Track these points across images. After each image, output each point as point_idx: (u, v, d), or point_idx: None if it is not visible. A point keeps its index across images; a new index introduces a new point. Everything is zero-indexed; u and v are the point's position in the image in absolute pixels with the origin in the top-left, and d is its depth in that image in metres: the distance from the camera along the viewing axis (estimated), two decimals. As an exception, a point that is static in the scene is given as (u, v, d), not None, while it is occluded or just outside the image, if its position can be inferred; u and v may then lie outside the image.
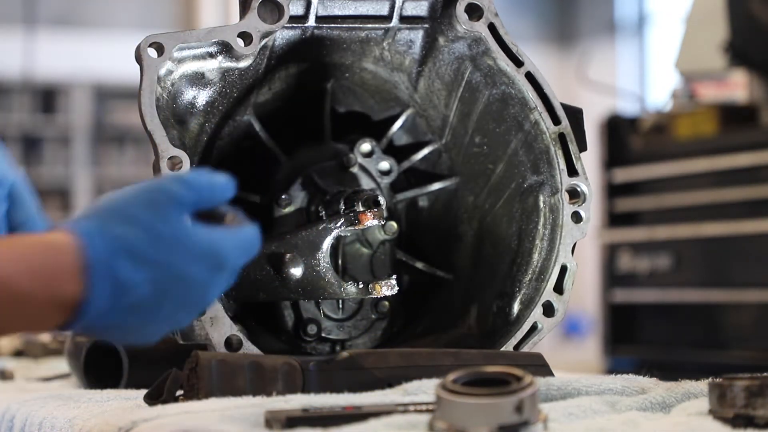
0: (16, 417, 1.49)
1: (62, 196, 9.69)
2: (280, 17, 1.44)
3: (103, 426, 1.21)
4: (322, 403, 1.15)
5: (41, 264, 0.99)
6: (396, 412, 1.10)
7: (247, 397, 1.21)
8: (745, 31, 4.28)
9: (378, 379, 1.28)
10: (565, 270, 1.47)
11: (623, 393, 1.27)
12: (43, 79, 8.88)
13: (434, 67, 1.58)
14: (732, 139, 4.21)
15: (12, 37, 8.54)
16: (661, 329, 4.47)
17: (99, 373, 1.69)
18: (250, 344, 1.35)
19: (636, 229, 4.56)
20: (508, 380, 1.02)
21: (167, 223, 1.03)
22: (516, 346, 1.46)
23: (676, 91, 4.64)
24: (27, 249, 1.00)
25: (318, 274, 1.43)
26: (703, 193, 4.27)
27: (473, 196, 1.61)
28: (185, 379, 1.27)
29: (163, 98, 1.40)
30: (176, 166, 1.36)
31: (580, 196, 1.49)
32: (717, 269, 4.27)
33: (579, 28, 10.93)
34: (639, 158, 4.56)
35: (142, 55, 1.38)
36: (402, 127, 1.64)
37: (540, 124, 1.49)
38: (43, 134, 9.59)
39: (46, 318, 1.00)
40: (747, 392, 1.07)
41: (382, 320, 1.60)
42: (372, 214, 1.45)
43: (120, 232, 1.01)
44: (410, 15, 1.54)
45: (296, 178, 1.56)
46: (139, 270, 1.01)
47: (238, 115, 1.56)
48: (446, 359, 1.33)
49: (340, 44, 1.56)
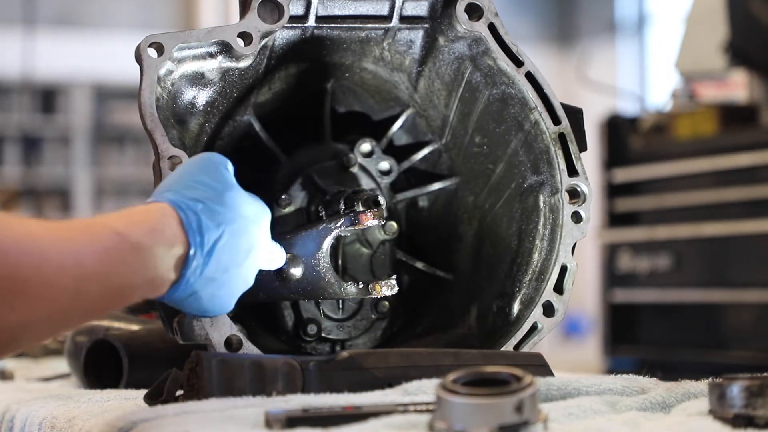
0: (16, 417, 1.49)
1: (62, 196, 9.68)
2: (280, 17, 1.44)
3: (103, 426, 1.21)
4: (322, 403, 1.15)
5: (156, 224, 1.19)
6: (396, 412, 1.10)
7: (247, 397, 1.21)
8: (745, 31, 4.28)
9: (378, 379, 1.28)
10: (565, 270, 1.47)
11: (623, 393, 1.27)
12: (43, 79, 8.87)
13: (434, 67, 1.58)
14: (732, 139, 4.21)
15: (11, 37, 8.54)
16: (661, 329, 4.47)
17: (99, 373, 1.69)
18: (250, 344, 1.35)
19: (636, 229, 4.56)
20: (508, 380, 1.02)
21: (223, 182, 1.27)
22: (516, 346, 1.46)
23: (676, 91, 4.64)
24: (142, 215, 1.19)
25: (318, 274, 1.43)
26: (703, 193, 4.27)
27: (473, 196, 1.61)
28: (185, 379, 1.27)
29: (163, 98, 1.40)
30: (176, 166, 1.35)
31: (580, 196, 1.49)
32: (717, 269, 4.27)
33: (579, 28, 10.92)
34: (639, 158, 4.57)
35: (142, 55, 1.38)
36: (402, 127, 1.64)
37: (540, 124, 1.49)
38: (43, 134, 9.58)
39: (164, 275, 1.19)
40: (747, 392, 1.07)
41: (382, 320, 1.60)
42: (372, 214, 1.45)
43: (191, 194, 1.23)
44: (410, 15, 1.54)
45: (296, 178, 1.56)
46: (214, 219, 1.22)
47: (238, 115, 1.56)
48: (446, 359, 1.33)
49: (340, 44, 1.56)
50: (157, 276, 1.18)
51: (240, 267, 1.26)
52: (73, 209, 9.60)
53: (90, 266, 1.11)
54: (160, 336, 1.61)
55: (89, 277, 1.11)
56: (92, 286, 1.11)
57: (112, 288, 1.14)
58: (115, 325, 1.68)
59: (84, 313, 1.15)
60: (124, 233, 1.15)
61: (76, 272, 1.09)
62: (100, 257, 1.12)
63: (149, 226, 1.18)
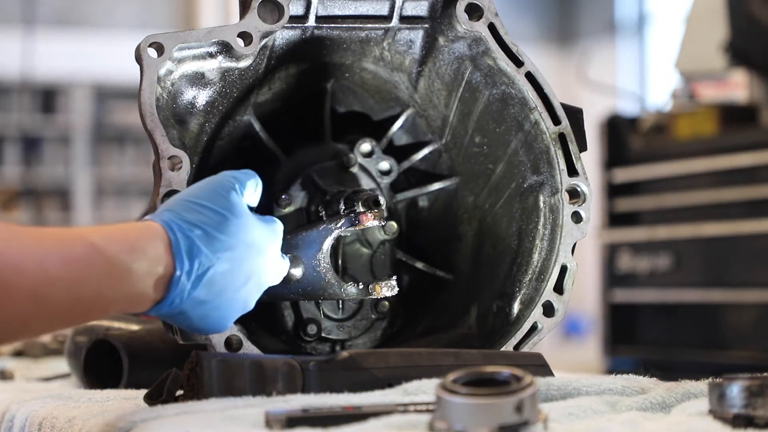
0: (16, 417, 1.49)
1: (62, 196, 9.68)
2: (280, 17, 1.44)
3: (103, 426, 1.21)
4: (322, 403, 1.15)
5: (139, 242, 1.16)
6: (396, 412, 1.10)
7: (247, 397, 1.21)
8: (745, 31, 4.28)
9: (378, 379, 1.28)
10: (565, 270, 1.47)
11: (623, 393, 1.27)
12: (43, 79, 8.86)
13: (434, 67, 1.58)
14: (732, 139, 4.21)
15: (11, 37, 8.54)
16: (661, 329, 4.47)
17: (99, 373, 1.69)
18: (250, 344, 1.35)
19: (636, 229, 4.56)
20: (508, 380, 1.02)
21: (229, 208, 1.24)
22: (516, 346, 1.46)
23: (676, 91, 4.64)
24: (125, 232, 1.17)
25: (318, 274, 1.43)
26: (703, 193, 4.27)
27: (473, 196, 1.61)
28: (185, 379, 1.27)
29: (163, 98, 1.40)
30: (176, 166, 1.36)
31: (580, 196, 1.49)
32: (717, 269, 4.27)
33: (579, 28, 10.92)
34: (639, 158, 4.56)
35: (142, 55, 1.38)
36: (402, 127, 1.64)
37: (540, 124, 1.49)
38: (43, 134, 9.57)
39: (144, 293, 1.17)
40: (747, 392, 1.07)
41: (382, 320, 1.60)
42: (372, 214, 1.45)
43: (192, 218, 1.21)
44: (410, 15, 1.54)
45: (296, 178, 1.56)
46: (211, 246, 1.21)
47: (238, 115, 1.56)
48: (446, 359, 1.33)
49: (340, 44, 1.56)
50: (136, 293, 1.17)
51: (238, 291, 1.25)
52: (73, 209, 9.59)
53: (54, 272, 1.09)
54: (160, 336, 1.61)
55: (53, 282, 1.09)
56: (56, 292, 1.10)
57: (82, 297, 1.13)
58: (115, 325, 1.68)
59: (48, 319, 1.13)
60: (99, 246, 1.14)
61: (37, 276, 1.08)
62: (66, 264, 1.10)
63: (129, 243, 1.16)
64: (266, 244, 1.29)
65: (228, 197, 1.26)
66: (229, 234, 1.23)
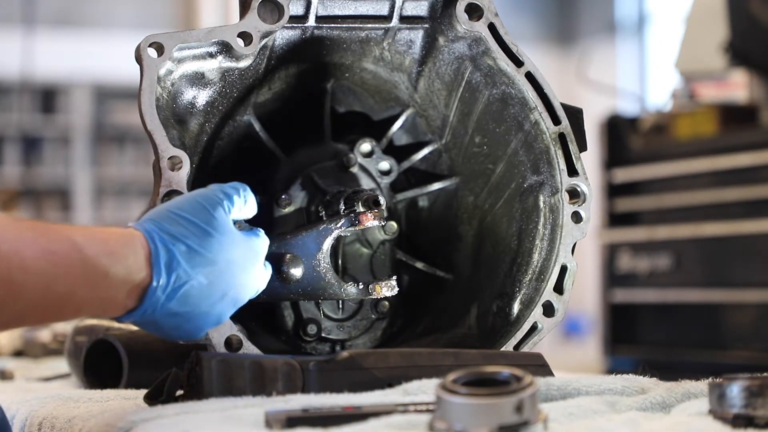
0: (16, 417, 1.49)
1: (62, 196, 9.68)
2: (280, 17, 1.44)
3: (103, 426, 1.21)
4: (322, 403, 1.15)
5: (119, 248, 1.16)
6: (396, 412, 1.10)
7: (247, 397, 1.21)
8: (745, 31, 4.28)
9: (378, 379, 1.28)
10: (565, 270, 1.47)
11: (623, 393, 1.27)
12: (43, 79, 8.86)
13: (434, 67, 1.58)
14: (732, 139, 4.21)
15: (11, 37, 8.53)
16: (661, 329, 4.47)
17: (99, 373, 1.69)
18: (250, 344, 1.35)
19: (636, 229, 4.56)
20: (508, 380, 1.02)
21: (213, 224, 1.23)
22: (516, 346, 1.46)
23: (676, 91, 4.63)
24: (107, 235, 1.17)
25: (318, 274, 1.43)
26: (703, 193, 4.27)
27: (473, 196, 1.61)
28: (185, 379, 1.27)
29: (163, 98, 1.40)
30: (176, 166, 1.36)
31: (580, 196, 1.49)
32: (717, 269, 4.26)
33: (579, 28, 10.92)
34: (639, 158, 4.56)
35: (142, 55, 1.38)
36: (402, 127, 1.64)
37: (540, 124, 1.49)
38: (43, 134, 9.57)
39: (118, 299, 1.16)
40: (747, 392, 1.07)
41: (382, 320, 1.60)
42: (372, 214, 1.45)
43: (174, 230, 1.20)
44: (410, 15, 1.54)
45: (296, 178, 1.56)
46: (191, 261, 1.20)
47: (238, 115, 1.56)
48: (446, 359, 1.33)
49: (340, 44, 1.56)
50: (110, 297, 1.16)
51: (213, 306, 1.25)
52: (73, 209, 9.59)
53: (31, 260, 1.09)
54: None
55: (28, 269, 1.09)
56: (30, 280, 1.09)
57: (55, 292, 1.12)
58: (116, 324, 1.68)
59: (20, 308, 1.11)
60: (79, 244, 1.13)
61: (13, 260, 1.08)
62: (44, 255, 1.10)
63: (110, 247, 1.16)
64: (247, 261, 1.28)
65: (213, 213, 1.25)
66: (210, 250, 1.22)
